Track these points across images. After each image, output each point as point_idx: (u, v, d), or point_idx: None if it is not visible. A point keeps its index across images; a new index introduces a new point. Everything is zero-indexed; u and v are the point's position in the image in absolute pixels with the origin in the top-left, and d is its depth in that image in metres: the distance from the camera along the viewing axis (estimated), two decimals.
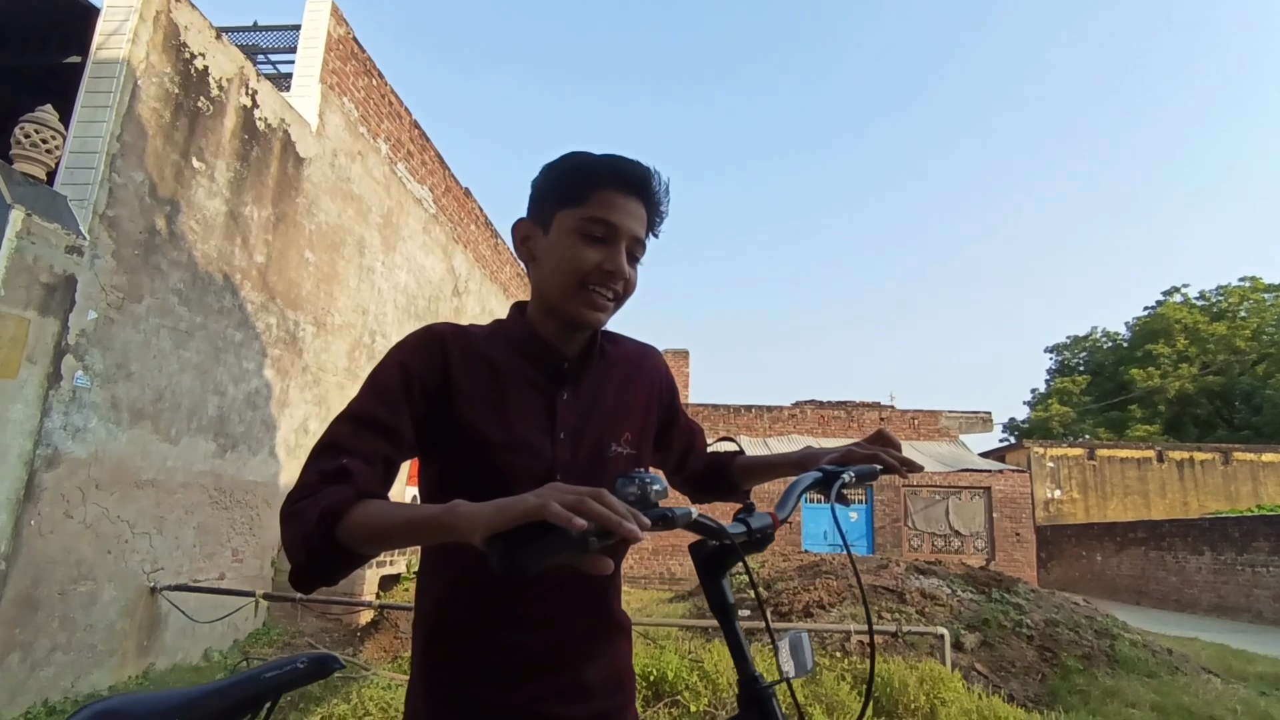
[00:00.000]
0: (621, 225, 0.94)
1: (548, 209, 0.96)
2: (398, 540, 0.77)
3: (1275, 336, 30.93)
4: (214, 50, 5.25)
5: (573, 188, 0.94)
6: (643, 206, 0.96)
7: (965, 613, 5.67)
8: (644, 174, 0.96)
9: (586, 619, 0.96)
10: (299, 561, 0.77)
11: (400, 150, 8.23)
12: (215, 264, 5.25)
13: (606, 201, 0.93)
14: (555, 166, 0.98)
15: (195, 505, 5.08)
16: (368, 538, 0.76)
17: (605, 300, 0.95)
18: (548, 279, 0.96)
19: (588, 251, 0.92)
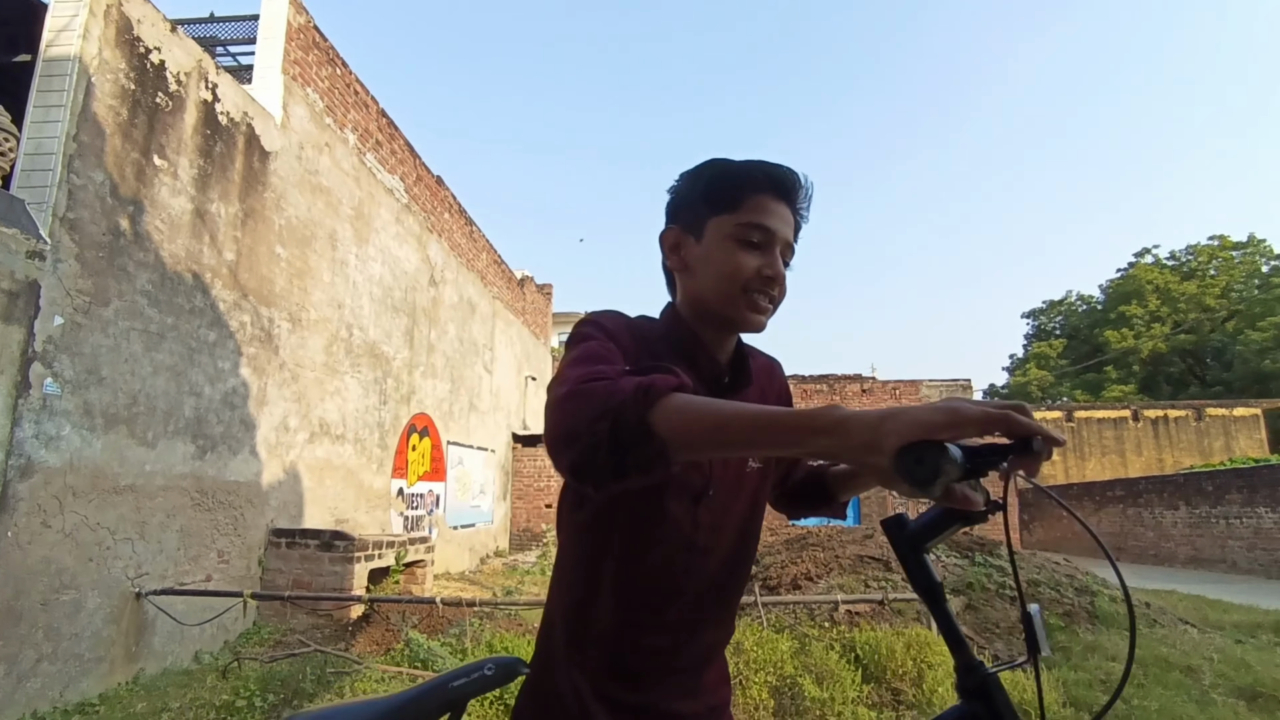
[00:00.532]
0: (777, 230, 0.94)
1: (698, 216, 0.96)
2: (738, 440, 0.65)
3: (1244, 293, 31.52)
4: (170, 44, 5.11)
5: (725, 193, 0.94)
6: (790, 212, 0.96)
7: (950, 577, 5.77)
8: (795, 179, 0.96)
9: (717, 627, 0.98)
10: (589, 442, 0.65)
11: (369, 140, 8.09)
12: (184, 263, 5.16)
13: (761, 206, 0.93)
14: (701, 174, 0.98)
15: (177, 508, 5.03)
16: (697, 429, 0.64)
17: (766, 304, 0.95)
18: (707, 286, 0.95)
19: (747, 257, 0.92)
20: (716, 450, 0.67)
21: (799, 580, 5.73)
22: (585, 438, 0.65)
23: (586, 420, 0.65)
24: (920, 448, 0.55)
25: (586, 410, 0.66)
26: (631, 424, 0.64)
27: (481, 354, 11.89)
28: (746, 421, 0.63)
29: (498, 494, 12.67)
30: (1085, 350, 34.38)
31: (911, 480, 0.55)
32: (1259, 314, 28.56)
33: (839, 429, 0.58)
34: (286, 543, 5.98)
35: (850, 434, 0.58)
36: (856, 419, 0.58)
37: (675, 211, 1.00)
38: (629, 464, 0.65)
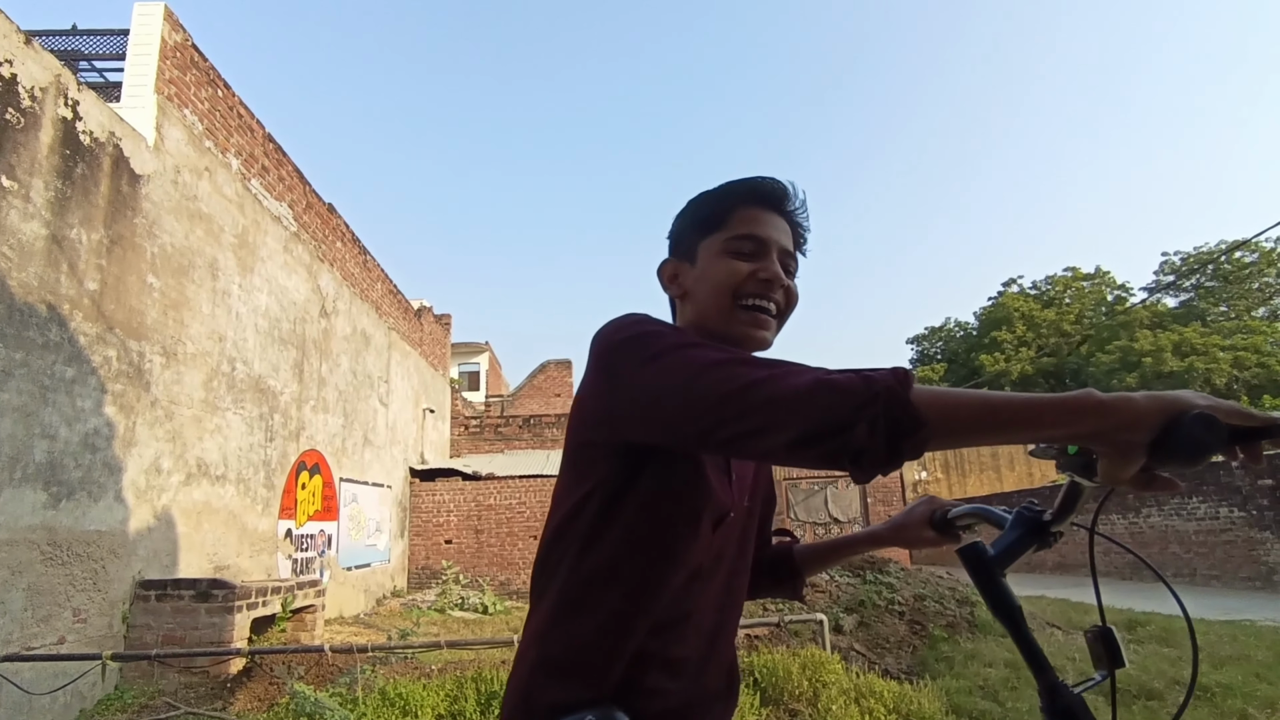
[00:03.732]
0: (769, 238, 0.92)
1: (690, 242, 0.96)
2: (1003, 424, 0.64)
3: (1094, 319, 34.79)
4: (23, 56, 4.73)
5: (712, 215, 0.94)
6: (785, 221, 0.95)
7: (843, 596, 6.01)
8: (781, 189, 0.95)
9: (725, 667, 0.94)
10: (865, 428, 0.64)
11: (254, 165, 7.73)
12: (36, 294, 4.73)
13: (749, 218, 0.92)
14: (689, 204, 0.98)
15: (24, 564, 4.54)
16: (962, 413, 0.64)
17: (767, 315, 0.92)
18: (704, 304, 0.93)
19: (738, 264, 0.91)
20: (977, 435, 0.65)
21: None
22: (862, 423, 0.64)
23: (851, 408, 0.64)
24: (1207, 418, 0.57)
25: (849, 398, 0.65)
26: (903, 409, 0.64)
27: (377, 387, 11.46)
28: (1011, 406, 0.64)
29: (395, 531, 12.16)
30: (964, 373, 36.88)
31: (1197, 444, 0.58)
32: (1106, 338, 31.61)
33: (1102, 409, 0.61)
34: (156, 595, 5.50)
35: (1116, 413, 0.61)
36: (1118, 400, 0.61)
37: (671, 247, 1.01)
38: (904, 448, 0.64)
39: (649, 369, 0.75)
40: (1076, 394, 0.63)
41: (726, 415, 0.68)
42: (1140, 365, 28.45)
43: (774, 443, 0.67)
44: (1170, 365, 27.81)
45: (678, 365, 0.73)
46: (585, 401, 0.85)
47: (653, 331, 0.79)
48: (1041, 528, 0.79)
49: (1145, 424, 0.60)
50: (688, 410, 0.71)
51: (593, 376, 0.83)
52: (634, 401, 0.77)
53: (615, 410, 0.79)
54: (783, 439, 0.67)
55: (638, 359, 0.77)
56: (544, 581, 0.87)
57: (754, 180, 0.95)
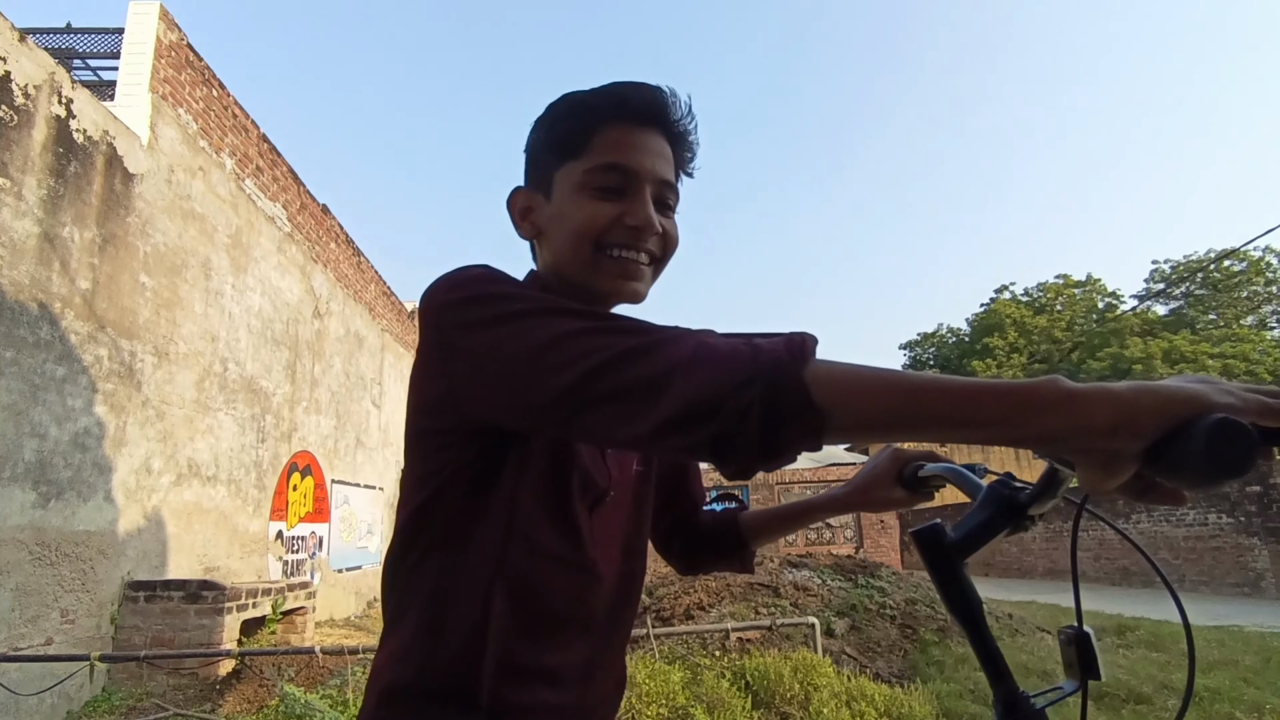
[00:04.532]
0: (640, 167, 0.75)
1: (546, 168, 0.78)
2: (926, 418, 0.50)
3: (1085, 326, 35.03)
4: (17, 54, 4.71)
5: (570, 134, 0.76)
6: (665, 140, 0.78)
7: (835, 600, 6.02)
8: (658, 98, 0.76)
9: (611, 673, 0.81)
10: (735, 411, 0.51)
11: (248, 165, 7.71)
12: (28, 292, 4.70)
13: (616, 142, 0.74)
14: (547, 114, 0.79)
15: (12, 564, 4.50)
16: (871, 399, 0.51)
17: (639, 265, 0.77)
18: (561, 251, 0.77)
19: (601, 205, 0.74)
20: (894, 428, 0.52)
21: (691, 610, 5.81)
22: (730, 406, 0.51)
23: (729, 386, 0.52)
24: (1231, 426, 0.42)
25: (727, 373, 0.52)
26: (790, 389, 0.51)
27: (370, 388, 11.43)
28: (942, 394, 0.49)
29: (386, 533, 12.11)
30: None
31: (1220, 464, 0.42)
32: (1097, 345, 31.84)
33: (1071, 405, 0.46)
34: (145, 596, 5.47)
35: (1090, 411, 0.45)
36: (1095, 393, 0.46)
37: (526, 170, 0.82)
38: (785, 440, 0.51)
39: (492, 338, 0.62)
40: (1036, 382, 0.48)
41: (586, 396, 0.56)
42: (1131, 372, 28.67)
43: (637, 429, 0.55)
44: (1160, 372, 28.03)
45: (527, 335, 0.60)
46: (421, 380, 0.71)
47: (495, 293, 0.65)
48: (1016, 509, 0.63)
49: (1133, 430, 0.45)
50: (540, 390, 0.59)
51: (426, 348, 0.70)
52: (477, 378, 0.64)
53: (456, 388, 0.66)
54: (646, 425, 0.55)
55: (478, 326, 0.63)
56: (396, 595, 0.74)
57: (623, 89, 0.76)
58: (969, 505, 0.68)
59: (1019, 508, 0.64)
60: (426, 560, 0.71)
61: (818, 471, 16.11)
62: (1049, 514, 0.66)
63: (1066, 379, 0.47)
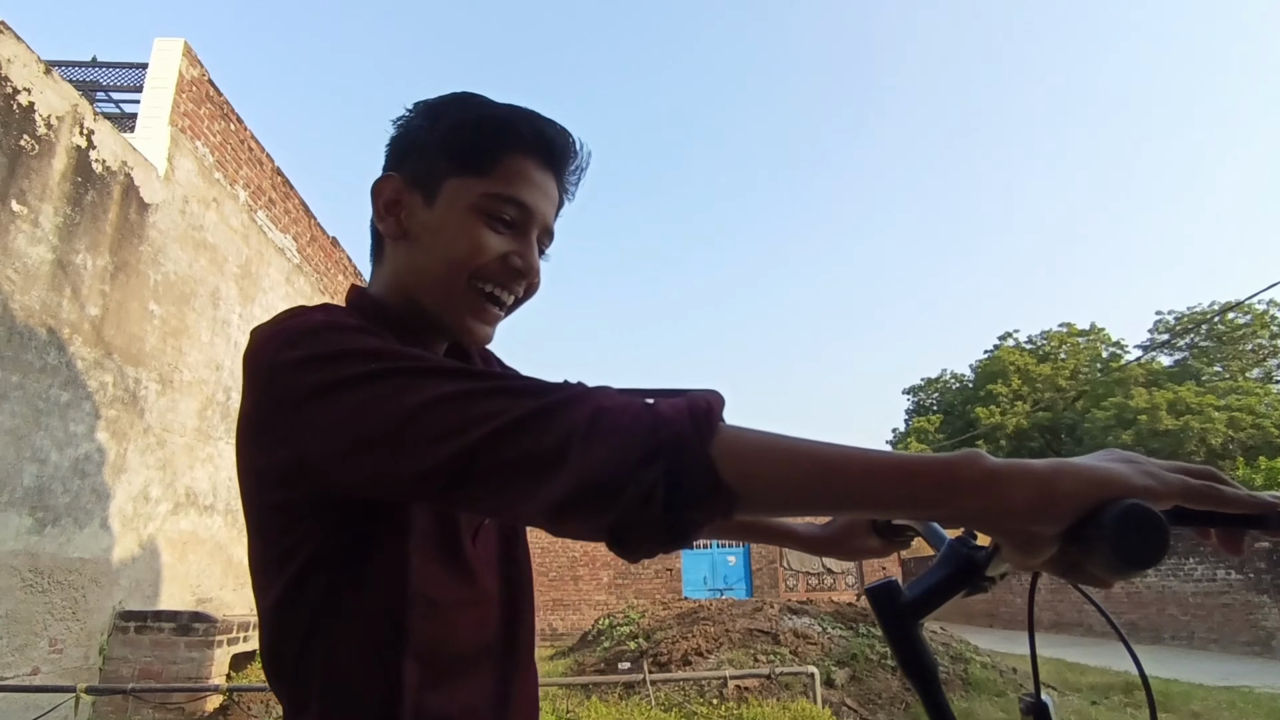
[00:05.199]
0: (536, 209, 0.71)
1: (433, 170, 0.70)
2: (844, 495, 0.47)
3: (1089, 375, 34.97)
4: (42, 85, 4.84)
5: (475, 148, 0.70)
6: (556, 186, 0.74)
7: (835, 649, 5.90)
8: (571, 144, 0.74)
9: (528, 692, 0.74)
10: (636, 494, 0.46)
11: (261, 198, 7.84)
12: (37, 317, 4.75)
13: (521, 174, 0.70)
14: (447, 113, 0.72)
15: (3, 591, 4.45)
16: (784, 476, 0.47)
17: (498, 309, 0.72)
18: (426, 270, 0.70)
19: (492, 238, 0.69)
20: (802, 507, 0.48)
21: (689, 656, 5.70)
22: (631, 489, 0.46)
23: (630, 464, 0.46)
24: (1141, 516, 0.41)
25: (627, 449, 0.47)
26: (695, 467, 0.46)
27: None
28: (858, 470, 0.46)
29: None
30: (960, 425, 36.87)
31: (1127, 556, 0.41)
32: (1102, 394, 31.71)
33: (990, 485, 0.44)
34: (136, 627, 5.39)
35: (1010, 492, 0.43)
36: (1016, 472, 0.44)
37: (402, 157, 0.74)
38: (689, 524, 0.47)
39: (348, 405, 0.54)
40: (956, 459, 0.45)
41: (470, 469, 0.50)
42: (1136, 423, 28.49)
43: (529, 507, 0.50)
44: (1166, 423, 27.85)
45: (392, 400, 0.53)
46: (253, 446, 0.62)
47: (346, 349, 0.57)
48: (974, 569, 0.60)
49: (1051, 512, 0.43)
50: (413, 462, 0.52)
51: (257, 411, 0.60)
52: (331, 448, 0.56)
53: (304, 458, 0.58)
54: (538, 505, 0.49)
55: (329, 389, 0.55)
56: (286, 685, 0.64)
57: (543, 123, 0.72)
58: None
59: (976, 568, 0.61)
60: (311, 645, 0.62)
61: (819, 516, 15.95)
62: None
63: (987, 454, 0.45)
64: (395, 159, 0.74)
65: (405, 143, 0.74)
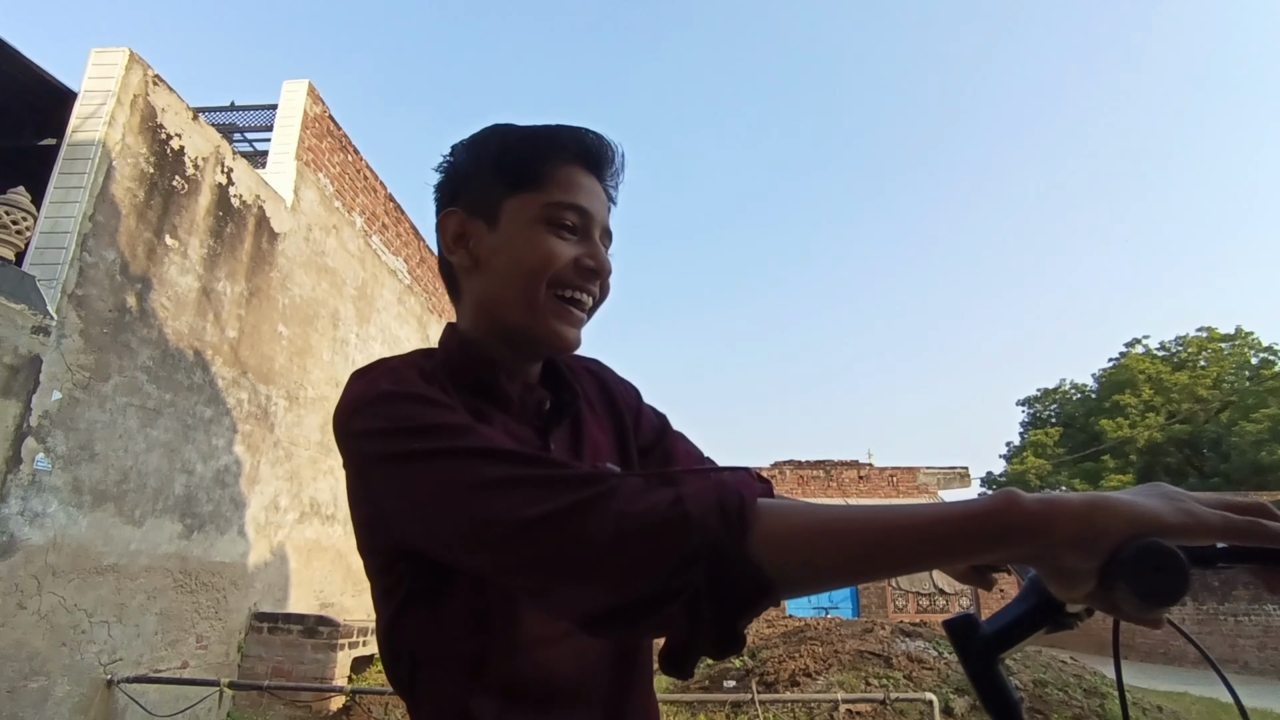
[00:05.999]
0: (594, 211, 0.74)
1: (490, 195, 0.74)
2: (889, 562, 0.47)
3: (1235, 384, 31.81)
4: (190, 130, 5.33)
5: (525, 165, 0.73)
6: (601, 188, 0.77)
7: (953, 676, 5.57)
8: (610, 148, 0.76)
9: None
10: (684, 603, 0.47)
11: (375, 223, 8.33)
12: (186, 340, 5.21)
13: (572, 183, 0.73)
14: (488, 142, 0.76)
15: (159, 590, 4.88)
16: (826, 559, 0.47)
17: (580, 312, 0.74)
18: (506, 287, 0.73)
19: (560, 244, 0.71)
20: (853, 579, 0.48)
21: (797, 676, 5.53)
22: (675, 596, 0.47)
23: (665, 572, 0.47)
24: (1158, 553, 0.42)
25: (661, 553, 0.47)
26: (738, 567, 0.46)
27: None
28: (901, 533, 0.46)
29: None
30: (1082, 439, 34.33)
31: (1144, 594, 0.42)
32: (1252, 405, 28.73)
33: (1036, 526, 0.44)
34: (269, 628, 5.78)
35: (1052, 531, 0.43)
36: (1057, 510, 0.44)
37: (455, 192, 0.77)
38: (742, 626, 0.47)
39: (399, 477, 0.59)
40: (995, 504, 0.45)
41: (509, 563, 0.53)
42: None
43: (569, 608, 0.52)
44: None
45: (432, 482, 0.56)
46: (354, 500, 0.68)
47: (406, 426, 0.60)
48: (1055, 606, 0.58)
49: (1089, 548, 0.43)
50: (462, 546, 0.56)
51: (348, 472, 0.66)
52: (401, 515, 0.60)
53: (384, 514, 0.63)
54: (578, 607, 0.51)
55: (391, 462, 0.59)
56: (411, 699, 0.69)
57: (580, 132, 0.75)
58: None
59: (1057, 605, 0.57)
60: (417, 676, 0.67)
61: None
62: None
63: (1022, 493, 0.45)
64: (449, 197, 0.77)
65: (455, 179, 0.77)
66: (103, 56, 4.78)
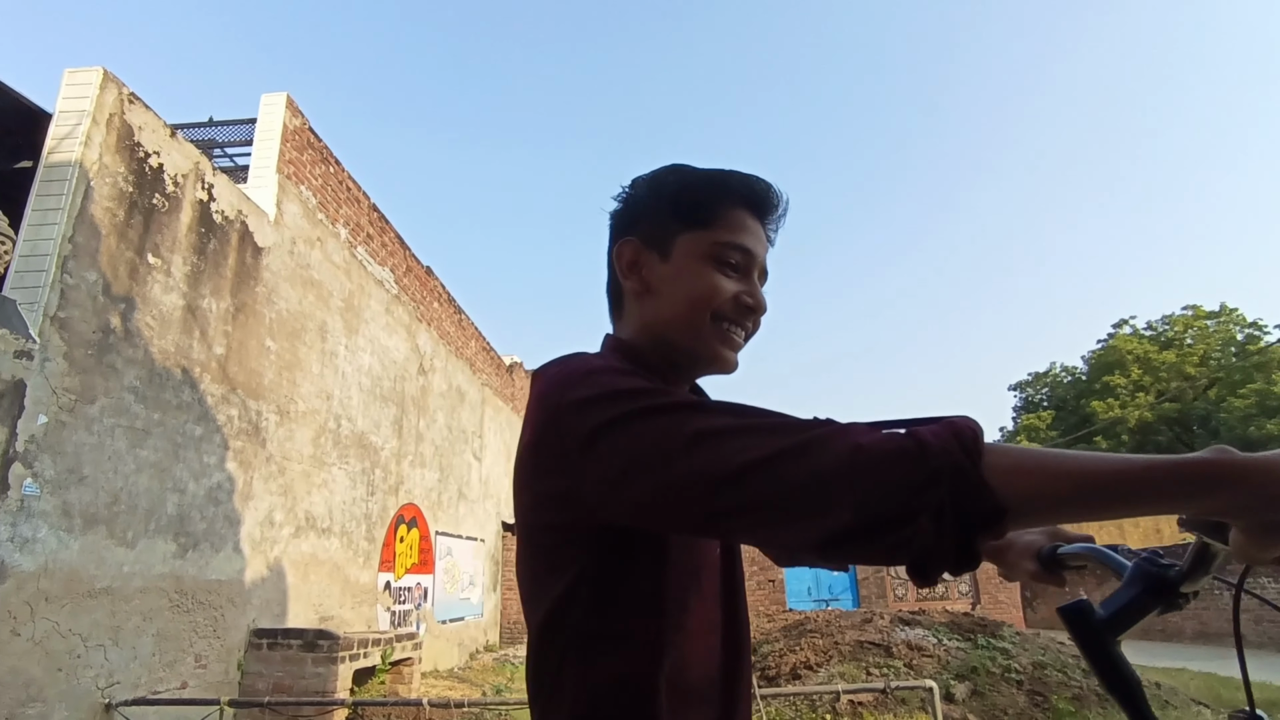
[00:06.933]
0: (757, 253, 0.81)
1: (665, 230, 0.81)
2: (1104, 500, 0.50)
3: (1222, 361, 32.09)
4: (168, 148, 5.30)
5: (699, 205, 0.80)
6: (763, 231, 0.84)
7: (953, 662, 5.60)
8: (776, 197, 0.83)
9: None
10: (927, 521, 0.50)
11: (360, 234, 8.30)
12: (173, 359, 5.18)
13: (739, 224, 0.80)
14: (666, 181, 0.84)
15: (154, 611, 4.85)
16: (1050, 487, 0.50)
17: (741, 339, 0.82)
18: (673, 312, 0.80)
19: (724, 281, 0.79)
20: (1068, 514, 0.52)
21: (798, 669, 5.54)
22: (922, 516, 0.50)
23: (909, 489, 0.50)
24: None
25: (902, 476, 0.51)
26: (974, 493, 0.49)
27: (471, 441, 11.81)
28: (1119, 475, 0.49)
29: (487, 585, 12.32)
30: (1074, 421, 34.56)
31: None
32: (1239, 381, 28.99)
33: (1245, 478, 0.46)
34: (268, 644, 5.75)
35: (1264, 483, 0.46)
36: (1263, 464, 0.46)
37: (632, 222, 0.84)
38: (978, 546, 0.50)
39: (619, 442, 0.61)
40: (1207, 456, 0.47)
41: (739, 501, 0.55)
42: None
43: (801, 537, 0.54)
44: None
45: (656, 435, 0.59)
46: (537, 472, 0.70)
47: (616, 390, 0.64)
48: (1166, 587, 0.61)
49: None
50: (674, 497, 0.58)
51: (546, 444, 0.69)
52: (604, 481, 0.62)
53: (582, 489, 0.64)
54: (811, 534, 0.54)
55: (606, 427, 0.62)
56: (546, 694, 0.71)
57: (752, 180, 0.82)
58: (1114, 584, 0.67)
59: (1169, 585, 0.62)
60: (569, 663, 0.69)
61: None
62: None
63: (1233, 449, 0.47)
64: (624, 227, 0.85)
65: (632, 212, 0.85)
66: (76, 76, 4.75)
